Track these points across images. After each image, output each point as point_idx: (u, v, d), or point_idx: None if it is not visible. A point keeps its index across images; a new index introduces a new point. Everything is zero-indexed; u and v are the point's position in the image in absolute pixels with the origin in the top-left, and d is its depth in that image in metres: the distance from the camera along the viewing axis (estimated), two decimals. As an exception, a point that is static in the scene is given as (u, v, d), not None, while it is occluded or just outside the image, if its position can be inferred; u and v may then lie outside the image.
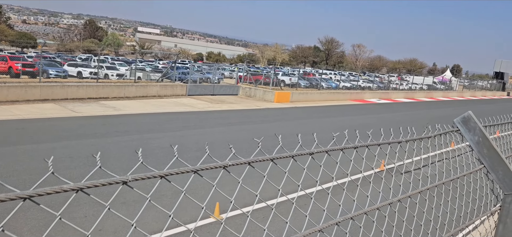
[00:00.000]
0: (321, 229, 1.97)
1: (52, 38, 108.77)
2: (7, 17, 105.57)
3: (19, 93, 23.04)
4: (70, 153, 14.05)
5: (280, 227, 8.14)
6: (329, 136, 2.17)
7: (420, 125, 3.09)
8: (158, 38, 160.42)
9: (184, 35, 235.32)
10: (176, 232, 8.71)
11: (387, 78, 63.68)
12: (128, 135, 17.71)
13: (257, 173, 1.93)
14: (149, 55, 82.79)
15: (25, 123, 18.26)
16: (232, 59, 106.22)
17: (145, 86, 30.51)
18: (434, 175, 3.04)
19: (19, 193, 1.00)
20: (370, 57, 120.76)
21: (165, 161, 1.36)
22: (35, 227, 8.40)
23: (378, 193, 2.54)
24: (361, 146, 2.30)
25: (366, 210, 2.25)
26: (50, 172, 1.10)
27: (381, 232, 2.47)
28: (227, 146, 1.66)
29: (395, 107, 43.21)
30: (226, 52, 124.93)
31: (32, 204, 4.41)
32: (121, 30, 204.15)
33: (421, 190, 2.74)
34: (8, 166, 11.91)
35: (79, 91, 25.92)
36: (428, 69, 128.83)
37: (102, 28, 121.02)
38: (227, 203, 9.88)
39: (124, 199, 10.06)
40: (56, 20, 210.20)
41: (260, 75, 43.35)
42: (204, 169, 1.52)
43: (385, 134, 2.56)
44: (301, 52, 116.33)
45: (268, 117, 27.24)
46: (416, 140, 2.85)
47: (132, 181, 1.25)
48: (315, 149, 2.03)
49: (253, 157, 1.77)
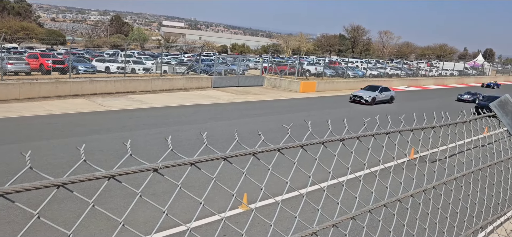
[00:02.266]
0: (353, 216, 1.92)
1: (80, 34, 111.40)
2: (37, 15, 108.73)
3: (50, 89, 23.73)
4: (100, 146, 14.39)
5: (310, 217, 8.07)
6: (358, 124, 2.11)
7: (452, 112, 2.98)
8: (182, 32, 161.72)
9: (208, 28, 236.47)
10: (205, 223, 8.80)
11: (416, 64, 62.20)
12: (156, 127, 17.98)
13: (285, 163, 1.90)
14: (174, 49, 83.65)
15: (57, 118, 18.80)
16: (256, 50, 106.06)
17: (171, 79, 30.86)
18: (470, 162, 2.93)
19: (53, 180, 1.00)
20: (397, 44, 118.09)
21: (192, 152, 1.36)
22: (69, 218, 8.66)
23: (411, 181, 2.47)
24: (393, 132, 2.22)
25: (400, 197, 2.18)
26: (82, 160, 1.10)
27: (415, 220, 2.40)
28: (253, 137, 1.64)
29: (425, 94, 42.20)
30: (250, 43, 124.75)
31: (66, 196, 4.55)
32: (146, 25, 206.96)
33: (456, 177, 2.64)
34: (41, 160, 12.31)
35: (107, 86, 26.47)
36: (459, 54, 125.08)
37: (128, 23, 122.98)
38: (254, 194, 9.91)
39: (153, 190, 10.23)
40: (84, 17, 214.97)
41: (285, 66, 43.12)
42: (234, 156, 1.49)
43: (418, 120, 2.48)
44: (326, 41, 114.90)
45: (294, 107, 27.09)
46: (450, 125, 2.75)
47: (162, 168, 1.24)
48: (346, 135, 1.97)
49: (283, 144, 1.74)
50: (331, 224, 1.82)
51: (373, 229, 2.26)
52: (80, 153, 1.15)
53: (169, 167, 1.28)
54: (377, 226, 2.21)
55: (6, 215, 8.70)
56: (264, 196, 9.54)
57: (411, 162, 2.43)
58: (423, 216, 2.47)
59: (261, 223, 8.80)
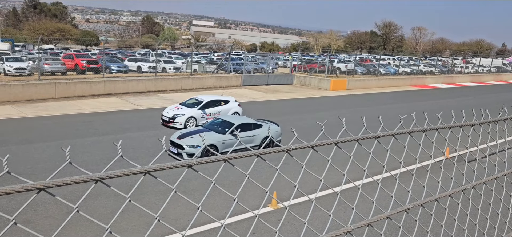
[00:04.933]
0: (389, 216, 1.87)
1: (113, 35, 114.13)
2: (72, 17, 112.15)
3: (85, 88, 24.45)
4: (133, 144, 14.70)
5: (341, 216, 7.94)
6: (392, 123, 2.05)
7: (491, 109, 2.85)
8: (212, 31, 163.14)
9: (237, 26, 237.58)
10: (235, 220, 8.84)
11: (451, 61, 60.35)
12: (186, 126, 18.17)
13: (317, 162, 1.86)
14: (204, 48, 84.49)
15: (92, 116, 19.35)
16: (285, 48, 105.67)
17: (201, 78, 31.18)
18: (511, 161, 2.80)
19: (92, 175, 1.02)
20: (431, 40, 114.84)
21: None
22: (103, 214, 8.88)
23: (449, 181, 2.38)
24: (430, 129, 2.15)
25: (437, 196, 2.11)
26: (119, 155, 1.11)
27: (453, 221, 2.32)
28: (284, 135, 1.61)
29: (460, 91, 40.91)
30: (280, 41, 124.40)
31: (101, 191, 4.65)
32: (176, 25, 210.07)
33: (497, 176, 2.53)
34: (77, 157, 12.69)
35: (139, 85, 27.02)
36: (497, 50, 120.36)
37: (159, 23, 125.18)
38: (283, 192, 9.87)
39: (184, 188, 10.37)
40: (116, 18, 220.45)
41: (315, 63, 42.76)
42: (267, 153, 1.48)
43: (456, 117, 2.39)
44: (357, 38, 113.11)
45: (323, 106, 26.83)
46: (490, 122, 2.64)
47: (197, 164, 1.24)
48: (381, 132, 1.93)
49: (316, 141, 1.71)
50: (366, 223, 1.78)
51: (410, 229, 2.20)
52: (116, 149, 1.17)
53: (203, 164, 1.28)
54: (413, 226, 2.15)
55: (43, 210, 9.02)
56: (296, 194, 9.47)
57: (448, 161, 2.34)
58: (461, 217, 2.39)
59: (291, 221, 8.76)
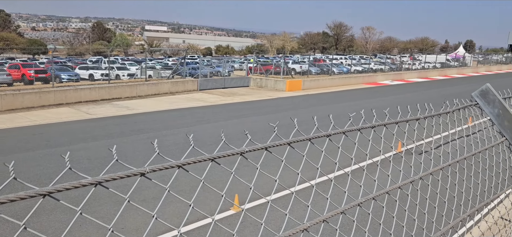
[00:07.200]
0: (343, 211, 1.94)
1: (62, 43, 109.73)
2: (17, 25, 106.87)
3: (34, 99, 23.37)
4: (88, 154, 14.22)
5: (300, 214, 8.10)
6: (345, 120, 2.13)
7: (436, 104, 3.02)
8: (166, 35, 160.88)
9: (191, 31, 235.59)
10: (197, 226, 8.77)
11: (399, 59, 62.88)
12: (143, 133, 17.84)
13: (273, 163, 1.90)
14: (158, 53, 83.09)
15: (42, 128, 18.52)
16: (241, 51, 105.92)
17: (156, 84, 30.67)
18: (455, 152, 2.97)
19: (38, 190, 0.99)
20: (380, 39, 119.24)
21: (181, 156, 1.35)
22: (59, 229, 8.53)
23: (398, 174, 2.50)
24: (379, 125, 2.25)
25: (388, 189, 2.21)
26: (68, 168, 1.08)
27: (404, 211, 2.43)
28: (242, 138, 1.64)
29: (409, 87, 42.69)
30: (235, 44, 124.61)
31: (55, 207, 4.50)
32: (128, 30, 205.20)
33: (443, 167, 2.68)
34: (29, 171, 12.11)
35: (92, 93, 26.18)
36: (441, 47, 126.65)
37: (110, 29, 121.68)
38: (245, 195, 9.90)
39: (143, 196, 10.16)
40: (65, 25, 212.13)
41: (270, 65, 43.20)
42: (221, 156, 1.49)
43: (402, 113, 2.51)
44: (310, 39, 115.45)
45: (281, 106, 27.16)
46: (434, 116, 2.78)
47: (149, 172, 1.24)
48: (332, 130, 1.99)
49: (270, 142, 1.74)
50: (321, 219, 1.83)
51: (363, 223, 2.28)
52: (66, 162, 1.14)
53: (156, 171, 1.28)
54: (367, 219, 2.24)
55: (-8, 230, 8.54)
56: (255, 196, 9.53)
57: (398, 155, 2.46)
58: (411, 207, 2.51)
59: (254, 223, 8.80)
